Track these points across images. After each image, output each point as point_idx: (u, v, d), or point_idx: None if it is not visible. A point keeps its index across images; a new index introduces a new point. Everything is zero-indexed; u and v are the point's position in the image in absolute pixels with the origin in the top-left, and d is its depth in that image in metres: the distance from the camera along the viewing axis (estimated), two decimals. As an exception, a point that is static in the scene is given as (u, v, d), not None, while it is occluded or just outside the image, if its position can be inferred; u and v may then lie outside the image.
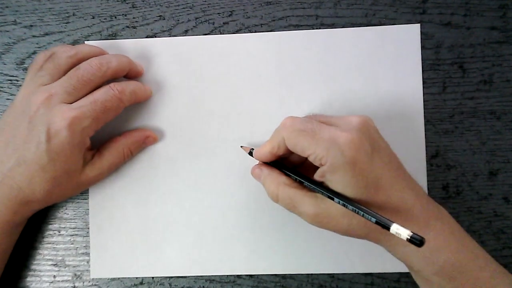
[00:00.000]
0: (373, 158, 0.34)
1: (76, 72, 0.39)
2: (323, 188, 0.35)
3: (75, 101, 0.39)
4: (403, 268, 0.42)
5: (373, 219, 0.32)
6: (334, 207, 0.34)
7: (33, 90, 0.39)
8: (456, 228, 0.36)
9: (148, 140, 0.43)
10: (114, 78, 0.41)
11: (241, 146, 0.43)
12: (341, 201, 0.34)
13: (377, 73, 0.43)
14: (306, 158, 0.35)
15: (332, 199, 0.34)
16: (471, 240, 0.36)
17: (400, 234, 0.31)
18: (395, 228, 0.31)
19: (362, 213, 0.33)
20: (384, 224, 0.31)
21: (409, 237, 0.30)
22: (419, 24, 0.43)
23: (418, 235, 0.30)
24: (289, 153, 0.37)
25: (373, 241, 0.36)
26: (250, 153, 0.41)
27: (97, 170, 0.41)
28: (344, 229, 0.35)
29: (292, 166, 0.39)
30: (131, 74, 0.43)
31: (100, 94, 0.39)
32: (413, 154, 0.43)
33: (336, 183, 0.34)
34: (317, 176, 0.35)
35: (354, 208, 0.33)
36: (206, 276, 0.44)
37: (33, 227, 0.44)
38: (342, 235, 0.36)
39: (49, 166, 0.38)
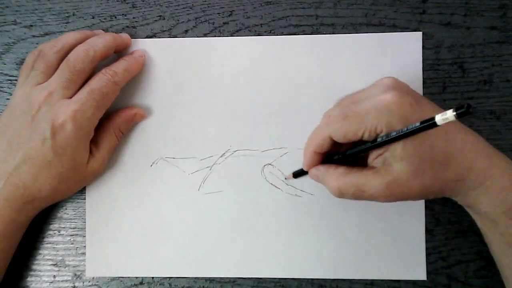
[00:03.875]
0: (419, 108, 0.34)
1: (67, 65, 0.40)
2: (385, 138, 0.34)
3: (74, 94, 0.40)
4: (398, 276, 0.43)
5: (417, 124, 0.32)
6: (402, 173, 0.34)
7: (30, 90, 0.40)
8: None
9: (136, 117, 0.44)
10: (105, 58, 0.41)
11: (285, 178, 0.43)
12: (397, 136, 0.33)
13: (377, 79, 0.43)
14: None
15: (393, 139, 0.33)
16: None
17: (447, 118, 0.30)
18: (440, 117, 0.30)
19: (408, 129, 0.32)
20: (429, 124, 0.31)
21: (455, 112, 0.29)
22: (420, 33, 0.43)
23: (461, 105, 0.29)
24: (334, 148, 0.37)
25: (448, 195, 0.36)
26: (295, 175, 0.41)
27: (99, 160, 0.42)
28: (417, 192, 0.35)
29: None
30: (119, 48, 0.43)
31: (95, 83, 0.40)
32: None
33: (399, 150, 0.34)
34: (372, 162, 0.35)
35: (412, 127, 0.32)
36: (205, 276, 0.44)
37: (33, 227, 0.44)
38: (417, 200, 0.36)
39: (55, 162, 0.39)
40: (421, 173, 0.34)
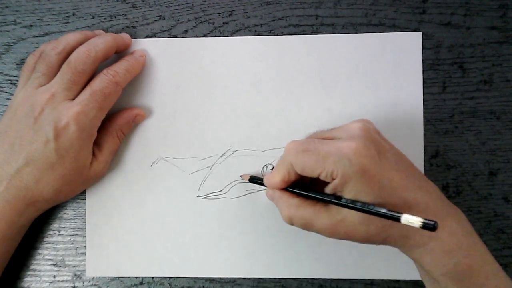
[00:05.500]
0: (381, 162, 0.34)
1: (69, 66, 0.39)
2: (336, 199, 0.35)
3: (76, 95, 0.40)
4: (400, 275, 0.43)
5: (383, 210, 0.32)
6: (350, 216, 0.34)
7: (32, 92, 0.40)
8: (469, 230, 0.36)
9: (137, 118, 0.44)
10: (106, 59, 0.41)
11: (240, 176, 0.43)
12: (352, 205, 0.33)
13: (377, 79, 0.43)
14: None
15: (346, 206, 0.34)
16: (482, 245, 0.36)
17: (413, 223, 0.30)
18: (406, 219, 0.31)
19: (372, 208, 0.32)
20: (394, 216, 0.31)
21: (421, 223, 0.30)
22: (420, 33, 0.43)
23: (431, 220, 0.30)
24: (300, 176, 0.37)
25: (391, 245, 0.35)
26: (251, 180, 0.41)
27: (102, 162, 0.42)
28: (362, 236, 0.35)
29: (303, 183, 0.38)
30: (120, 49, 0.43)
31: (97, 84, 0.40)
32: (412, 154, 0.43)
33: (349, 193, 0.34)
34: (328, 190, 0.35)
35: (364, 206, 0.33)
36: (205, 276, 0.44)
37: (33, 227, 0.44)
38: (361, 243, 0.35)
39: (58, 164, 0.39)
40: (368, 222, 0.34)
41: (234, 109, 0.44)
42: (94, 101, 0.39)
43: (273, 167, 0.43)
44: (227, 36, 0.44)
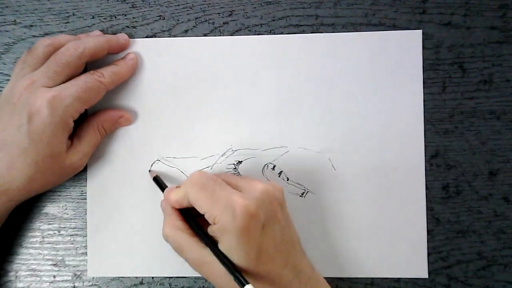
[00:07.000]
0: (264, 230, 0.35)
1: (54, 57, 0.40)
2: (211, 246, 0.36)
3: (56, 85, 0.39)
4: (400, 274, 0.43)
5: (237, 273, 0.34)
6: (216, 264, 0.35)
7: (16, 81, 0.40)
8: None
9: (121, 120, 0.43)
10: (95, 59, 0.41)
11: (149, 171, 0.44)
12: (217, 254, 0.35)
13: (377, 77, 0.43)
14: None
15: (213, 252, 0.36)
16: None
17: None
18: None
19: (230, 265, 0.35)
20: (241, 282, 0.33)
21: None
22: (420, 31, 0.43)
23: None
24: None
25: None
26: (155, 179, 0.42)
27: (79, 153, 0.41)
28: (220, 285, 0.36)
29: (195, 213, 0.38)
30: (114, 50, 0.43)
31: (80, 78, 0.40)
32: (412, 154, 0.43)
33: (222, 244, 0.35)
34: (209, 231, 0.36)
35: (224, 260, 0.35)
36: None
37: (33, 227, 0.44)
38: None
39: (31, 149, 0.38)
40: (229, 279, 0.35)
41: (234, 109, 0.44)
42: (74, 90, 0.39)
43: (274, 166, 0.43)
44: (227, 36, 0.44)
